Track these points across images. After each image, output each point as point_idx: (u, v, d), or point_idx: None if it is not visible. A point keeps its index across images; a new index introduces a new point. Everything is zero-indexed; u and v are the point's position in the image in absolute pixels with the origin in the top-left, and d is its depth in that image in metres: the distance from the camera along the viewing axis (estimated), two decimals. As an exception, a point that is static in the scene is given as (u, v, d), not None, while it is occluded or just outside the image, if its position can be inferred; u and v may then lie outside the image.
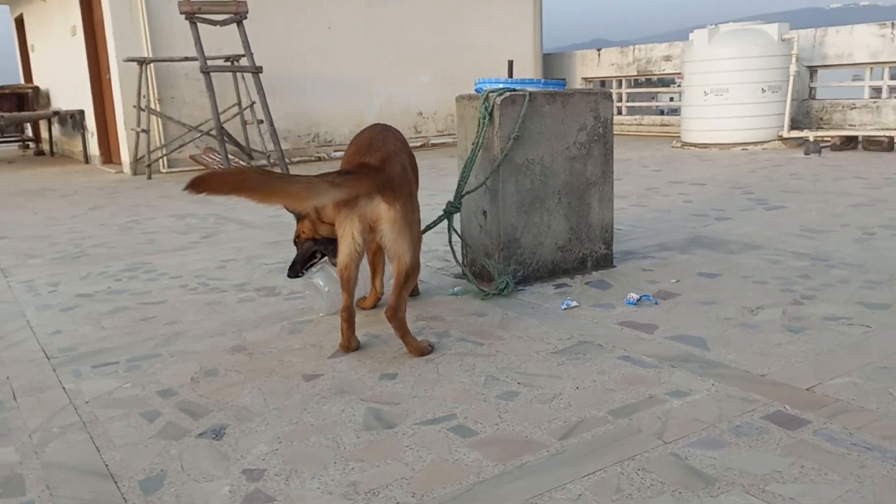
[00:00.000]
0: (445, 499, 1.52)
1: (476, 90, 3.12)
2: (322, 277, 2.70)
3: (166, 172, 8.15)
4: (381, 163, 2.27)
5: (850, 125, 8.31)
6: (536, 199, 3.03)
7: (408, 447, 1.74)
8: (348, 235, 2.27)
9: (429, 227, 2.92)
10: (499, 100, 2.91)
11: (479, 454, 1.70)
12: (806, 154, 7.28)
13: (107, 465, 1.71)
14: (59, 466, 1.72)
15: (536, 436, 1.77)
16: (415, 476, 1.61)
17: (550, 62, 11.65)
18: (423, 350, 2.32)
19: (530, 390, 2.03)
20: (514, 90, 2.96)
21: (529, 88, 2.99)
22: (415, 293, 2.90)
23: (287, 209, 2.63)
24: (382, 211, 2.22)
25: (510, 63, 3.24)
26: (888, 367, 2.07)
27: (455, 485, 1.57)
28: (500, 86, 3.01)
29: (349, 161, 2.35)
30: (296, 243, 2.73)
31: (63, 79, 10.92)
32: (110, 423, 1.94)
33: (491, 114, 2.92)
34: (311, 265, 2.74)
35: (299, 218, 2.66)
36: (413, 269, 2.30)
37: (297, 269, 2.69)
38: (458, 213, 3.06)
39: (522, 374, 2.14)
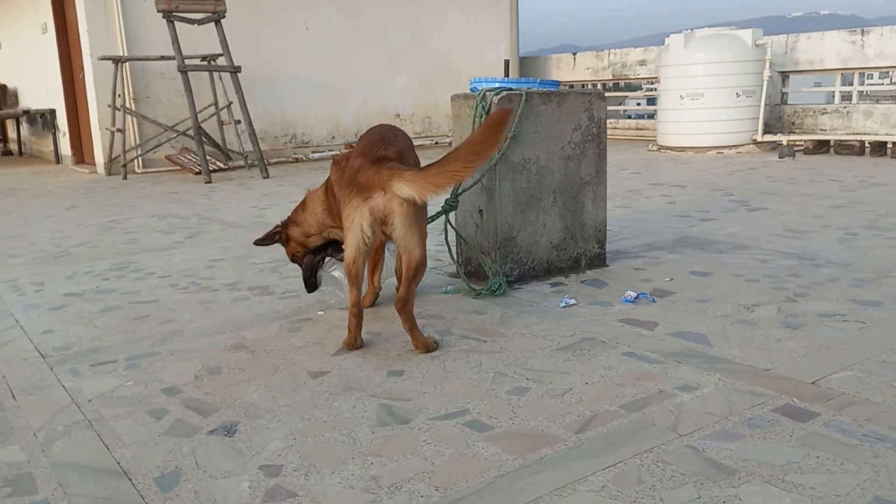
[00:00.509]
0: (469, 492, 1.52)
1: (471, 89, 3.12)
2: (340, 269, 2.68)
3: (141, 173, 8.03)
4: (398, 157, 2.27)
5: (822, 130, 8.49)
6: (532, 198, 3.04)
7: (425, 442, 1.73)
8: (357, 227, 2.24)
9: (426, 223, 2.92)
10: (496, 99, 2.92)
11: (497, 448, 1.69)
12: (780, 157, 7.42)
13: (118, 463, 1.68)
14: (69, 465, 1.68)
15: (552, 430, 1.77)
16: (436, 470, 1.61)
17: (526, 65, 11.72)
18: (429, 346, 2.32)
19: (540, 386, 2.03)
20: (511, 89, 2.97)
21: (525, 88, 3.01)
22: None
23: (271, 238, 2.72)
24: (396, 205, 2.20)
25: (506, 62, 3.26)
26: (888, 362, 2.12)
27: (477, 478, 1.57)
28: (497, 85, 3.02)
29: (363, 154, 2.31)
30: (294, 261, 2.75)
31: (33, 77, 10.70)
32: (116, 421, 1.90)
33: (488, 112, 2.93)
34: (321, 266, 2.73)
35: (283, 242, 2.70)
36: (422, 264, 2.31)
37: (312, 282, 2.71)
38: (454, 212, 3.06)
39: (530, 371, 2.14)
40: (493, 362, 2.21)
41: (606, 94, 11.53)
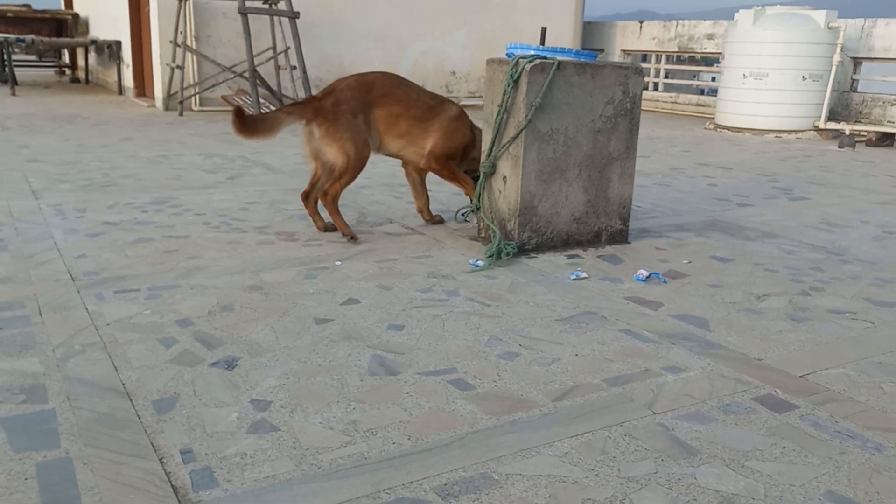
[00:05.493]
0: (439, 444, 1.61)
1: (507, 55, 3.13)
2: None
3: (198, 110, 8.23)
4: (322, 97, 3.14)
5: (889, 121, 8.17)
6: (557, 169, 3.06)
7: (408, 394, 1.82)
8: (307, 150, 3.20)
9: (479, 195, 3.22)
10: (528, 66, 2.92)
11: (474, 407, 1.77)
12: (840, 147, 7.19)
13: (123, 384, 1.81)
14: (79, 381, 1.82)
15: (531, 395, 1.84)
16: (412, 421, 1.70)
17: (591, 31, 11.50)
18: (345, 232, 3.17)
19: (531, 353, 2.10)
20: (545, 58, 2.97)
21: (560, 58, 3.00)
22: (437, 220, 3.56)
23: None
24: (316, 130, 3.12)
25: (543, 30, 3.24)
26: (884, 363, 2.11)
27: (449, 432, 1.65)
28: (532, 52, 3.02)
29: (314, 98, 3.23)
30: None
31: (102, 8, 10.97)
32: (129, 345, 2.04)
33: (517, 80, 2.94)
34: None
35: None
36: (344, 170, 3.12)
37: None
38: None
39: (525, 338, 2.20)
40: (491, 326, 2.28)
41: (671, 67, 11.08)
